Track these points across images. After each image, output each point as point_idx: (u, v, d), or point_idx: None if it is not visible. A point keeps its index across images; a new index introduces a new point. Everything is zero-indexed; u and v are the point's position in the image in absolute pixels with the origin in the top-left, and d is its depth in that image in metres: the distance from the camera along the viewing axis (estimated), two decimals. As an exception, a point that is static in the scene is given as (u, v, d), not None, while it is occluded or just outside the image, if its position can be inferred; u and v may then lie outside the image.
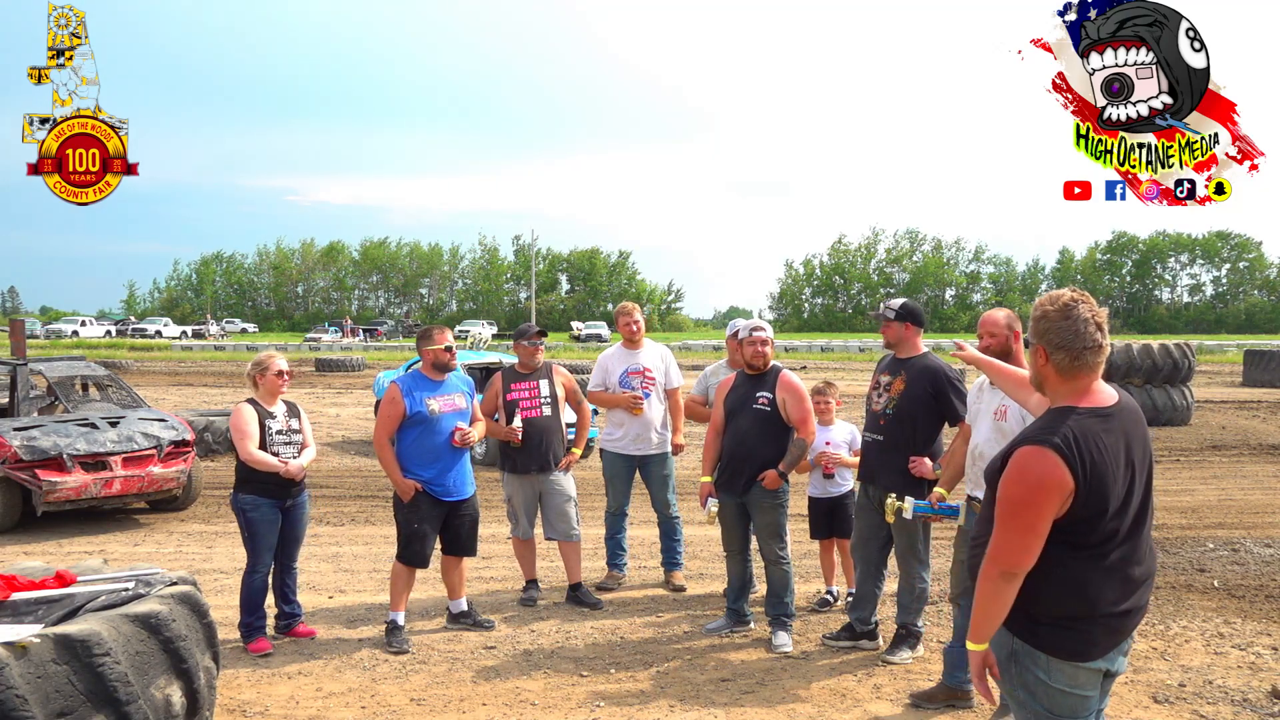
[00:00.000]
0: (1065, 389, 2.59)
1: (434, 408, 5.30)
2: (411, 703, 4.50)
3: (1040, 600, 2.51)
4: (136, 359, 36.33)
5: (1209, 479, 11.00)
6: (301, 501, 5.40)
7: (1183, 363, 15.79)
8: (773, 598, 5.39)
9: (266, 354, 5.48)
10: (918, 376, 4.89)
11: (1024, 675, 2.56)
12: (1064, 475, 2.42)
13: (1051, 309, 2.58)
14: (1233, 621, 5.72)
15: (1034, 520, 2.45)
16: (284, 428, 5.32)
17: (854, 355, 42.87)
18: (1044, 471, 2.43)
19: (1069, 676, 2.52)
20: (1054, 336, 2.55)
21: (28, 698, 2.83)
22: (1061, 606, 2.51)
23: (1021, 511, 2.46)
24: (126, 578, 3.67)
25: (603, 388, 6.41)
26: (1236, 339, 56.13)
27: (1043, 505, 2.44)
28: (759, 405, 5.26)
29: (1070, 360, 2.54)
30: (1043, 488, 2.43)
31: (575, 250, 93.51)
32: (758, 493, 5.26)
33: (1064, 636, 2.52)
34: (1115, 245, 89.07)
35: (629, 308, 6.42)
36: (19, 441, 7.90)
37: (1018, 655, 2.56)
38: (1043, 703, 2.55)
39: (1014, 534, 2.46)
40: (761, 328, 5.35)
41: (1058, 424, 2.50)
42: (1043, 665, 2.53)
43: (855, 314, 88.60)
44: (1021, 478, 2.46)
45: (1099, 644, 2.52)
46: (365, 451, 12.95)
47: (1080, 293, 2.61)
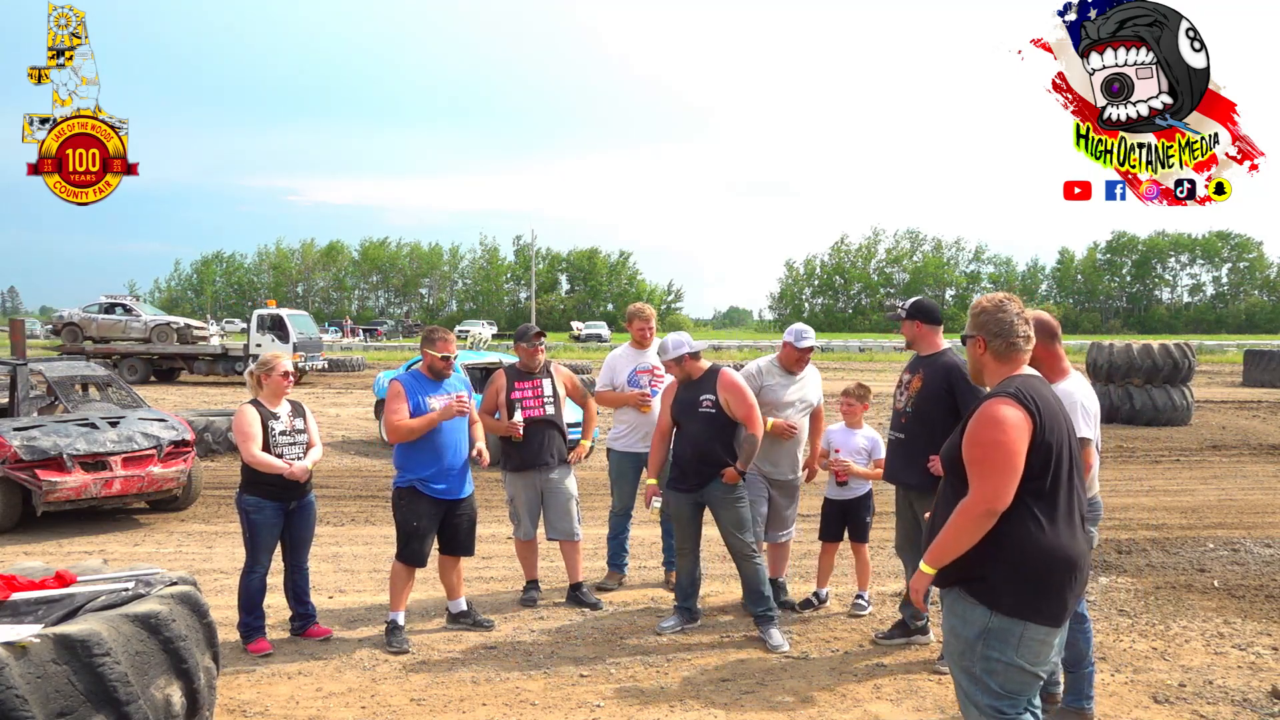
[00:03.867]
0: (1003, 371, 3.01)
1: (435, 406, 5.30)
2: (411, 703, 4.50)
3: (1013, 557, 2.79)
4: (136, 359, 36.27)
5: (1209, 479, 10.98)
6: (308, 503, 5.38)
7: (1183, 363, 15.79)
8: (753, 594, 5.36)
9: (272, 354, 5.46)
10: (934, 373, 4.94)
11: (989, 653, 2.81)
12: (1023, 415, 2.79)
13: (988, 304, 3.07)
14: (1233, 621, 5.72)
15: (1009, 457, 2.76)
16: (288, 428, 5.31)
17: (854, 355, 42.88)
18: (1007, 413, 2.79)
19: (1034, 652, 2.80)
20: (992, 326, 3.02)
21: (28, 698, 2.82)
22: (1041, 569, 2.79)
23: (996, 452, 2.77)
24: (126, 578, 3.66)
25: (610, 387, 6.41)
26: (1236, 339, 56.15)
27: (1014, 443, 2.77)
28: (705, 409, 5.33)
29: (1006, 346, 3.00)
30: (1011, 425, 2.77)
31: (575, 250, 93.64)
32: (717, 490, 5.31)
33: (1039, 599, 2.79)
34: (1115, 245, 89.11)
35: (647, 313, 6.43)
36: (19, 441, 7.89)
37: (991, 632, 2.81)
38: (1001, 682, 2.81)
39: (994, 475, 2.77)
40: (682, 343, 5.45)
41: (1005, 385, 2.93)
42: (1014, 642, 2.79)
43: (855, 314, 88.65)
44: (990, 424, 2.81)
45: (1068, 606, 2.84)
46: (365, 451, 12.95)
47: (1010, 294, 3.10)
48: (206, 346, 26.01)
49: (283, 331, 25.43)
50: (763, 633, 5.31)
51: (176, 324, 27.34)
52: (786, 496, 5.84)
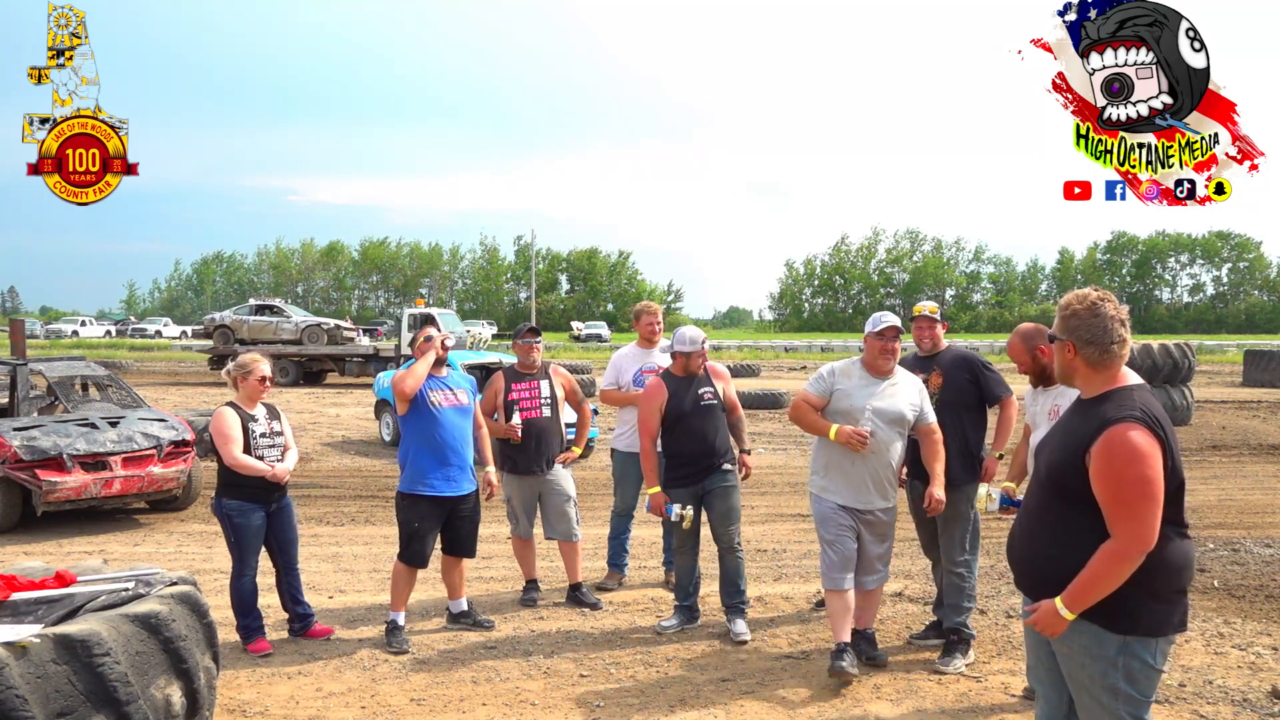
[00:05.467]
0: (1099, 378, 2.78)
1: (436, 399, 5.30)
2: (411, 703, 4.50)
3: (1158, 582, 2.66)
4: (136, 359, 36.33)
5: (1209, 479, 10.99)
6: (287, 504, 5.36)
7: (1183, 363, 15.78)
8: (729, 586, 5.45)
9: (250, 356, 5.37)
10: (954, 367, 5.05)
11: (1130, 665, 2.69)
12: (1155, 443, 2.61)
13: (1080, 307, 2.78)
14: (1233, 621, 5.72)
15: (1156, 493, 2.59)
16: (267, 430, 5.28)
17: (854, 355, 42.80)
18: (1143, 444, 2.60)
19: (1165, 654, 2.72)
20: (1084, 332, 2.76)
21: (28, 698, 2.82)
22: (1177, 580, 2.69)
23: (1143, 489, 2.58)
24: (126, 578, 3.66)
25: (616, 386, 6.41)
26: (1236, 339, 56.15)
27: (1158, 476, 2.60)
28: (707, 400, 5.42)
29: (1100, 353, 2.74)
30: (1152, 457, 2.59)
31: (575, 250, 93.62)
32: (717, 480, 5.39)
33: (1175, 610, 2.70)
34: (1115, 245, 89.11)
35: (654, 308, 6.44)
36: (19, 441, 7.89)
37: (1129, 647, 2.68)
38: (1140, 688, 2.71)
39: (1144, 515, 2.59)
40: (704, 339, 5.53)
41: (1128, 402, 2.69)
42: (1151, 649, 2.68)
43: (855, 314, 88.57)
44: (1132, 458, 2.59)
45: (1188, 611, 2.76)
46: (365, 451, 12.95)
47: (1104, 292, 2.80)
48: (356, 348, 25.81)
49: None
50: (730, 621, 5.43)
51: (327, 325, 27.14)
52: (876, 534, 4.83)
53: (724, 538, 5.41)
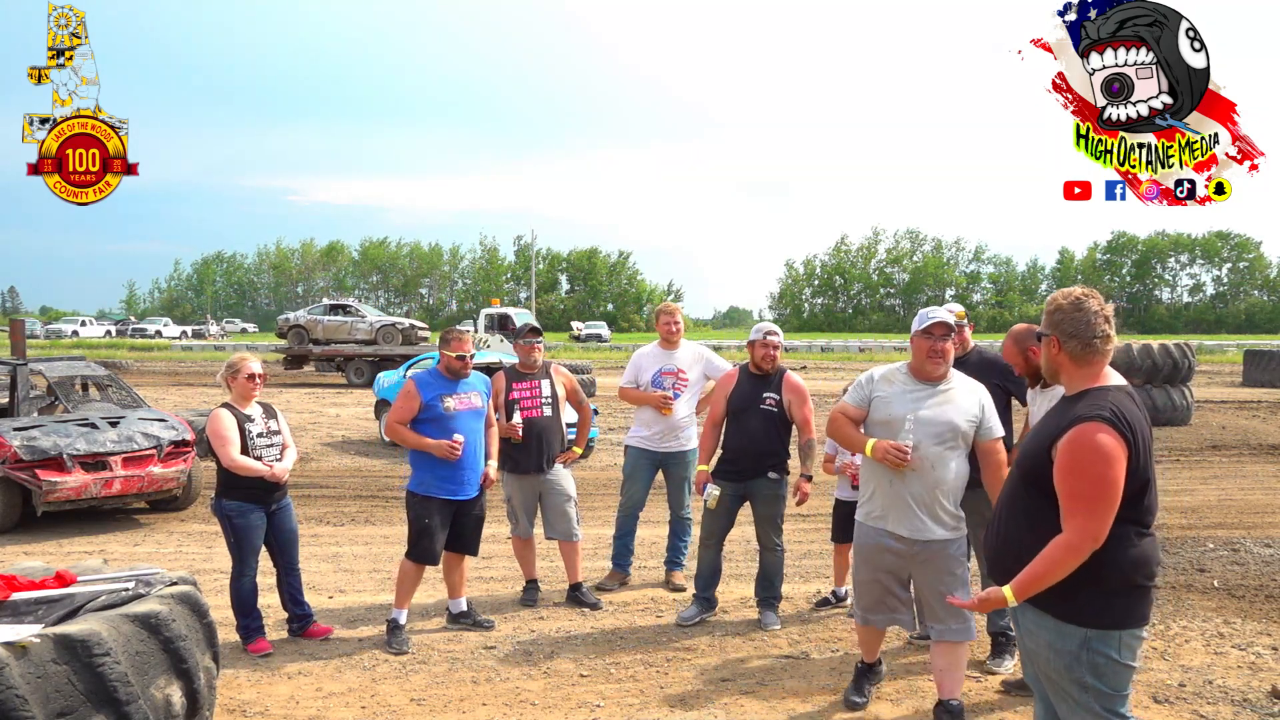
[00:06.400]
0: (1081, 374, 2.85)
1: (449, 405, 5.30)
2: (411, 703, 4.50)
3: (1111, 577, 2.70)
4: (136, 359, 36.32)
5: (1209, 479, 10.97)
6: (286, 504, 5.36)
7: (1183, 363, 15.78)
8: (765, 581, 5.66)
9: (239, 356, 5.33)
10: (979, 372, 4.59)
11: (1094, 659, 2.73)
12: (1120, 444, 2.65)
13: (1064, 302, 2.87)
14: (1233, 621, 5.72)
15: (1113, 493, 2.64)
16: (264, 430, 5.27)
17: (854, 355, 42.84)
18: (1108, 444, 2.64)
19: (1131, 649, 2.75)
20: (1067, 326, 2.84)
21: (28, 698, 2.82)
22: (1133, 577, 2.72)
23: (1099, 488, 2.64)
24: (126, 578, 3.66)
25: (634, 385, 6.42)
26: (1236, 339, 56.16)
27: (1118, 477, 2.64)
28: (767, 405, 5.46)
29: (1082, 348, 2.82)
30: (1114, 458, 2.64)
31: (575, 250, 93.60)
32: (763, 485, 5.47)
33: (1134, 605, 2.74)
34: (1115, 245, 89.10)
35: (672, 309, 6.45)
36: (19, 441, 7.89)
37: (1090, 641, 2.72)
38: (1109, 682, 2.74)
39: (1097, 512, 2.65)
40: (775, 331, 5.59)
41: (1101, 401, 2.74)
42: (1113, 643, 2.72)
43: (855, 314, 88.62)
44: (1093, 455, 2.65)
45: (1151, 606, 2.80)
46: (365, 451, 12.95)
47: (1089, 289, 2.88)
48: (433, 347, 25.81)
49: (509, 329, 25.55)
50: (762, 613, 5.64)
51: (401, 324, 26.93)
52: (934, 572, 4.01)
53: (764, 539, 5.60)
